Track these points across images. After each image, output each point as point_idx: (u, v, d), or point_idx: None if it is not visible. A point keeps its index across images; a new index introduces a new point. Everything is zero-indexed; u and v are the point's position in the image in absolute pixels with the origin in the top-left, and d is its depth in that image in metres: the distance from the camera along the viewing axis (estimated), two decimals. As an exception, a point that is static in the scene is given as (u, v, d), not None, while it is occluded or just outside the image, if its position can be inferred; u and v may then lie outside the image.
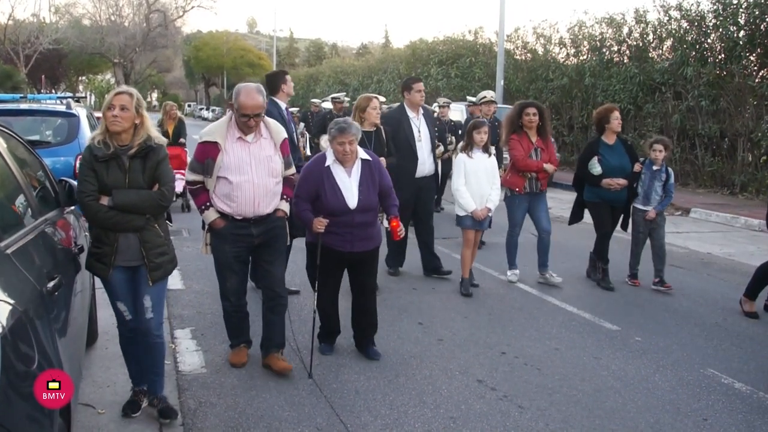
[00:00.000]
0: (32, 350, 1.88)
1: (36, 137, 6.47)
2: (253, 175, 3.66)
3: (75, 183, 3.46)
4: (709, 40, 13.76)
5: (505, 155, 6.74)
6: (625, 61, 16.09)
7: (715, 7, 13.27)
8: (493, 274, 6.30)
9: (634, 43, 15.97)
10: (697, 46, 13.77)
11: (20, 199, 2.71)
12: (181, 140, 10.22)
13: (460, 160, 5.63)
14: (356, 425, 3.31)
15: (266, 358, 3.90)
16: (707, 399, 3.74)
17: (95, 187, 3.00)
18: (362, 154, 4.03)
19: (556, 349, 4.46)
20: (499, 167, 6.33)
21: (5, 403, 1.63)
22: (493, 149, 7.07)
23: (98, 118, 3.19)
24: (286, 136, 3.87)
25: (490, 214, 5.64)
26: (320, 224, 3.85)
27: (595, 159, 5.82)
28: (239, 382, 3.76)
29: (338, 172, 3.95)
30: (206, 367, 3.98)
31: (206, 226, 3.80)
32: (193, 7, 52.93)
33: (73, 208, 3.56)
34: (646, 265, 5.97)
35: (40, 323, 2.06)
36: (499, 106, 9.37)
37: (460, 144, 5.89)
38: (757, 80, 12.66)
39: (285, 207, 3.88)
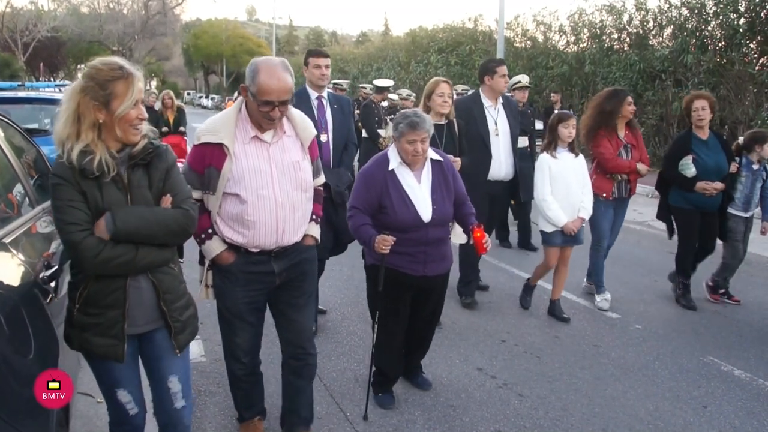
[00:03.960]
0: (29, 339, 1.88)
1: (34, 125, 6.47)
2: (275, 189, 2.61)
3: None
4: (709, 28, 13.70)
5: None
6: (625, 48, 16.03)
7: (715, -6, 13.22)
8: (492, 261, 6.29)
9: (635, 30, 15.90)
10: (698, 34, 13.71)
11: (18, 188, 2.70)
12: (181, 128, 10.18)
13: (543, 163, 4.62)
14: (355, 413, 3.31)
15: None
16: (707, 386, 3.75)
17: (88, 216, 2.03)
18: (431, 153, 3.30)
19: (556, 337, 4.46)
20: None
21: (2, 392, 1.62)
22: (526, 140, 6.50)
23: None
24: (315, 132, 2.84)
25: (583, 225, 4.70)
26: (385, 243, 3.05)
27: (689, 158, 4.89)
28: (239, 371, 3.76)
29: (406, 178, 3.21)
30: (205, 355, 3.98)
31: (207, 262, 2.78)
32: (192, -5, 52.81)
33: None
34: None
35: (36, 312, 2.05)
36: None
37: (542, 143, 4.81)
38: (757, 68, 12.63)
39: (315, 231, 2.88)
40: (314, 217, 2.87)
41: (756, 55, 13.02)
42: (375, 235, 3.09)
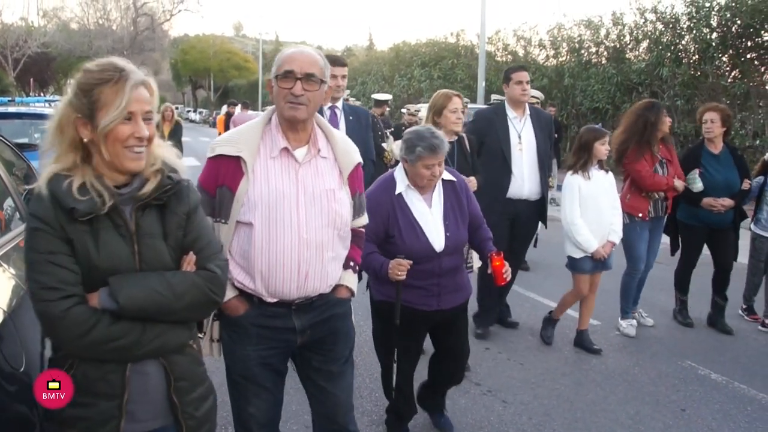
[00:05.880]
0: (20, 351, 1.89)
1: (24, 140, 6.48)
2: (299, 221, 2.05)
3: None
4: (683, 42, 14.09)
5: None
6: (603, 62, 16.39)
7: (688, 9, 13.64)
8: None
9: (612, 44, 16.27)
10: (672, 48, 14.09)
11: (8, 203, 2.73)
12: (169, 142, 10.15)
13: (572, 184, 4.19)
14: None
15: None
16: (685, 390, 3.84)
17: (76, 276, 1.48)
18: (444, 173, 2.91)
19: (539, 345, 4.53)
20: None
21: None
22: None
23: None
24: (359, 160, 2.28)
25: (613, 249, 4.28)
26: (401, 268, 2.68)
27: (695, 172, 4.62)
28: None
29: (415, 202, 2.84)
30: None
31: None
32: (180, 11, 52.94)
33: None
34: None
35: (28, 324, 2.07)
36: (479, 106, 9.40)
37: (568, 161, 4.38)
38: (729, 80, 13.01)
39: (351, 281, 2.30)
40: (351, 263, 2.30)
41: (728, 68, 13.42)
42: (387, 261, 2.71)
